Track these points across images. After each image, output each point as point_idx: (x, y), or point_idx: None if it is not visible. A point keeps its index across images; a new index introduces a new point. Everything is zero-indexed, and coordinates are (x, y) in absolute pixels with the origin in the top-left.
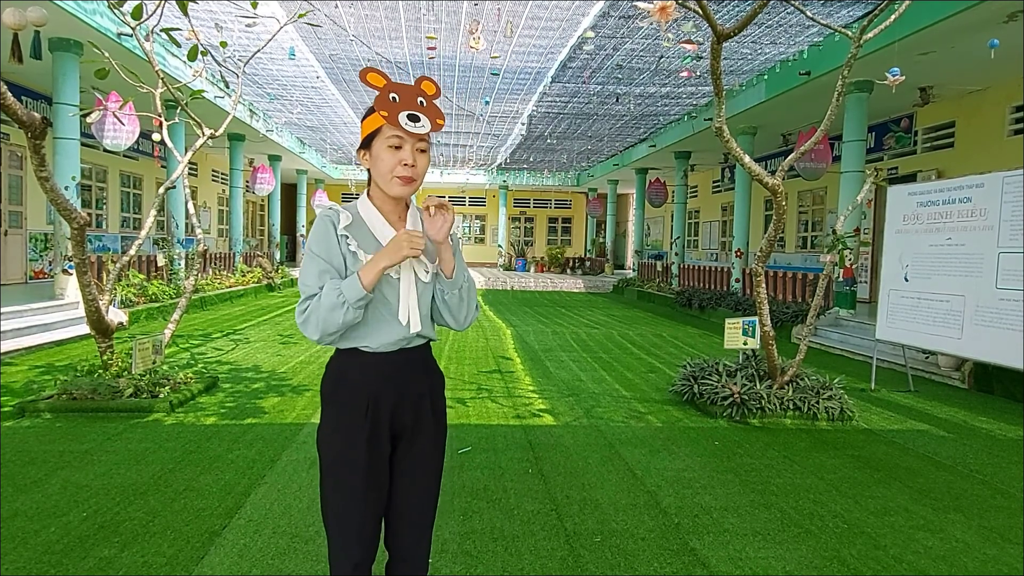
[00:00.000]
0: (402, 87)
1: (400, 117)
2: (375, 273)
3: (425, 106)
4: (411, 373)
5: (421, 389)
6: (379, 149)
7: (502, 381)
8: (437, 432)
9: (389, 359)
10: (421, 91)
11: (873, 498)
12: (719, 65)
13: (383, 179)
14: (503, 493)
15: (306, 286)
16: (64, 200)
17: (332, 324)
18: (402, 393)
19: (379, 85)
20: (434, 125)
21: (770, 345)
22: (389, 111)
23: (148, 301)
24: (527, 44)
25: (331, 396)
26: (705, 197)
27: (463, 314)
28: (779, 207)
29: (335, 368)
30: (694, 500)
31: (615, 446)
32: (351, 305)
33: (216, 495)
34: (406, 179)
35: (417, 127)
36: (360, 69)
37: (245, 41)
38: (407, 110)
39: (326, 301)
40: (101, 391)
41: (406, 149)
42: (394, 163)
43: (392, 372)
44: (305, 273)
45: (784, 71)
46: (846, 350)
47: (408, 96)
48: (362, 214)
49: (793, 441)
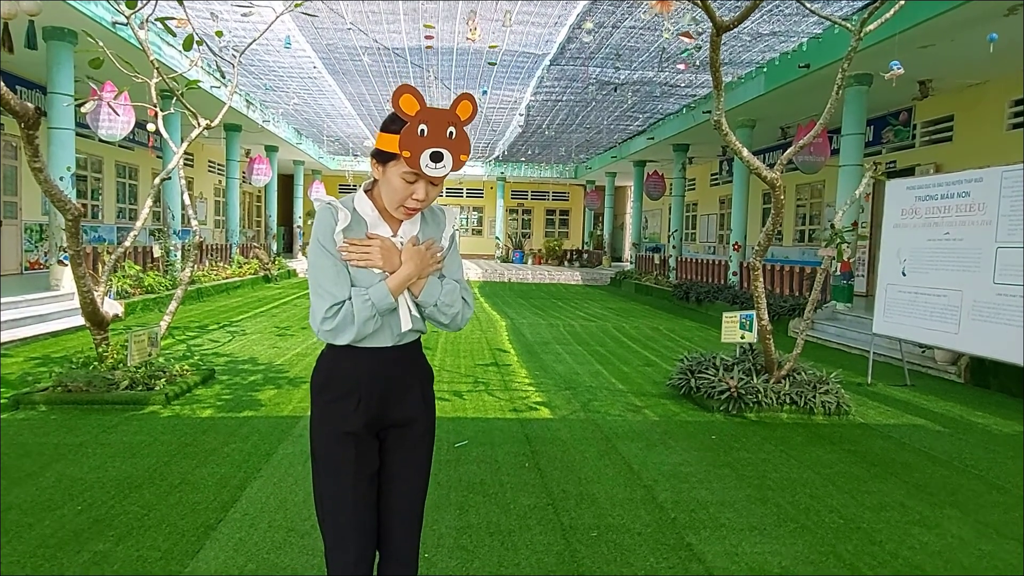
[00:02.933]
0: (434, 115)
1: (423, 159)
2: (403, 284)
3: (454, 138)
4: (402, 368)
5: (411, 383)
6: (392, 174)
7: (498, 374)
8: (426, 426)
9: (381, 354)
10: (455, 117)
11: (869, 493)
12: (718, 58)
13: (388, 202)
14: (499, 487)
15: (326, 291)
16: (58, 191)
17: (364, 332)
18: (392, 387)
19: (411, 113)
20: (456, 163)
21: (767, 339)
22: (412, 151)
23: (144, 292)
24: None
25: (322, 390)
26: (703, 190)
27: (446, 321)
28: (778, 201)
29: (326, 362)
30: (691, 495)
31: (612, 440)
32: (380, 314)
33: (212, 488)
34: (412, 211)
35: (438, 168)
36: (396, 88)
37: (241, 32)
38: (433, 147)
39: (362, 314)
40: (96, 383)
41: (420, 185)
42: (404, 195)
43: (383, 367)
44: (322, 275)
45: (783, 64)
46: (843, 344)
47: (438, 126)
48: (359, 211)
49: (790, 435)
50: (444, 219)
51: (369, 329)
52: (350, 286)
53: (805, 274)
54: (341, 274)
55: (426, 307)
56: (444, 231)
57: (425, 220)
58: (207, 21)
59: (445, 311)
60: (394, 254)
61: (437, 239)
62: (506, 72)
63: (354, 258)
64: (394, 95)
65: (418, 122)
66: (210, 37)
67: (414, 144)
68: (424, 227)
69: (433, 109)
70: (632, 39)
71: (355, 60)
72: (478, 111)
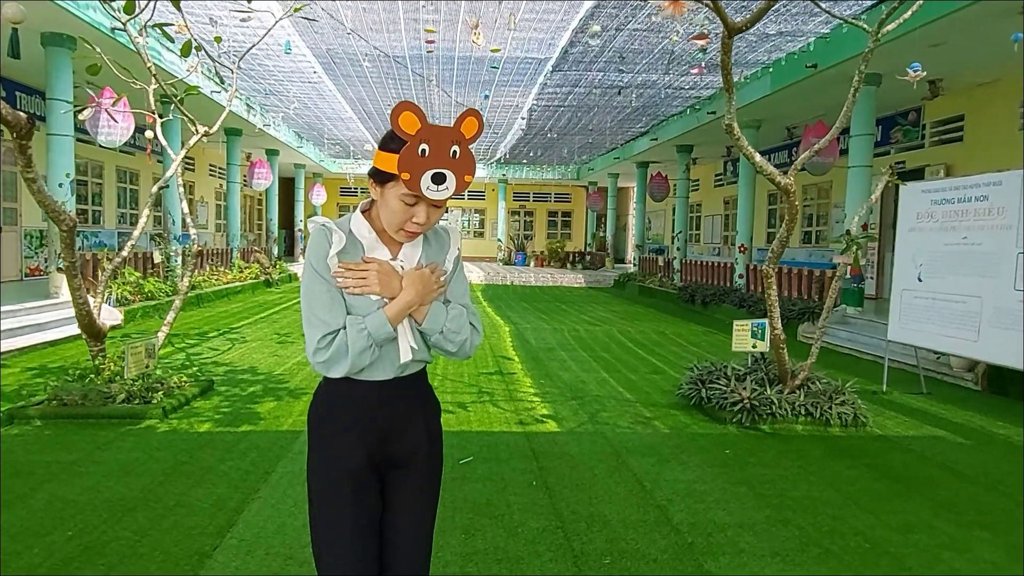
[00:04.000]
0: (437, 133)
1: (423, 181)
2: (403, 312)
3: (458, 157)
4: (405, 401)
5: (415, 417)
6: (391, 195)
7: (503, 383)
8: (432, 462)
9: (383, 387)
10: (458, 135)
11: (894, 513)
12: (729, 60)
13: (387, 224)
14: (506, 508)
15: (319, 320)
16: (52, 202)
17: (360, 364)
18: (395, 422)
19: (411, 132)
20: (459, 184)
21: (781, 349)
22: (412, 172)
23: (144, 299)
24: (527, 30)
25: (320, 426)
26: (707, 190)
27: (453, 349)
28: (791, 206)
29: (323, 395)
30: (707, 516)
31: (622, 455)
32: (377, 344)
33: (207, 511)
34: (413, 235)
35: (440, 191)
36: (395, 105)
37: (241, 37)
38: (434, 168)
39: (356, 345)
40: (92, 397)
41: (421, 207)
42: (404, 218)
43: (385, 401)
44: (314, 302)
45: (790, 64)
46: (854, 349)
47: (441, 145)
48: (356, 233)
49: (807, 449)
50: (448, 240)
51: (365, 361)
52: (345, 314)
53: (813, 277)
54: (335, 301)
55: (431, 335)
56: (448, 252)
57: (428, 241)
58: (206, 26)
59: (452, 339)
60: (393, 279)
61: (440, 261)
62: (509, 76)
63: (349, 284)
64: (393, 113)
65: (419, 141)
66: (209, 42)
67: (414, 165)
68: (427, 249)
69: (435, 127)
70: (636, 42)
71: (355, 65)
72: (439, 86)
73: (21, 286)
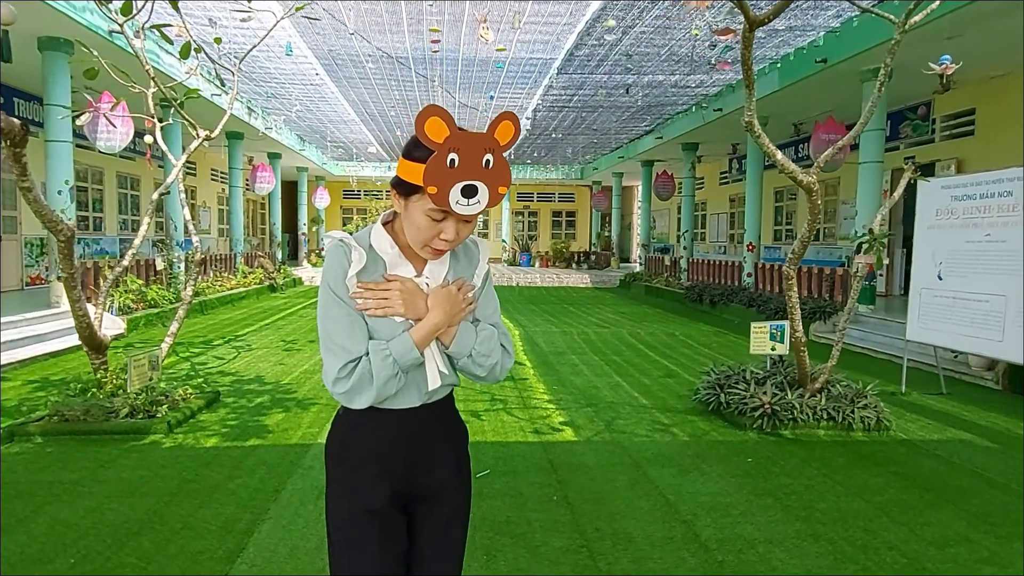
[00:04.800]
0: (467, 141)
1: (452, 194)
2: (431, 335)
3: (491, 167)
4: (432, 430)
5: (443, 447)
6: (416, 209)
7: (515, 390)
8: (461, 495)
9: (407, 416)
10: (492, 142)
11: (928, 525)
12: (750, 55)
13: (412, 240)
14: (527, 526)
15: (338, 347)
16: (49, 211)
17: (385, 393)
18: (421, 453)
19: (438, 141)
20: (493, 197)
21: (802, 352)
22: (440, 186)
23: (147, 307)
24: (533, 32)
25: (339, 457)
26: (712, 188)
27: (483, 373)
28: (814, 205)
29: (344, 426)
30: (735, 531)
31: (642, 465)
32: (403, 371)
33: (216, 534)
34: (440, 252)
35: (471, 205)
36: (421, 109)
37: (241, 38)
38: (465, 180)
39: (381, 373)
40: (94, 412)
41: (449, 223)
42: (431, 235)
43: (410, 430)
44: (333, 327)
45: (798, 59)
46: (868, 348)
47: (472, 153)
48: (376, 248)
49: (831, 456)
50: (477, 253)
51: (391, 389)
52: (367, 339)
53: (824, 275)
54: (356, 325)
55: (459, 359)
56: (478, 267)
57: (456, 257)
58: (205, 28)
59: (481, 362)
60: (419, 299)
61: (468, 277)
62: (514, 77)
63: (370, 306)
64: (418, 119)
65: (447, 151)
66: (209, 44)
67: (442, 178)
68: (454, 265)
69: (466, 134)
70: (642, 44)
71: (358, 67)
72: (443, 87)
73: (22, 296)
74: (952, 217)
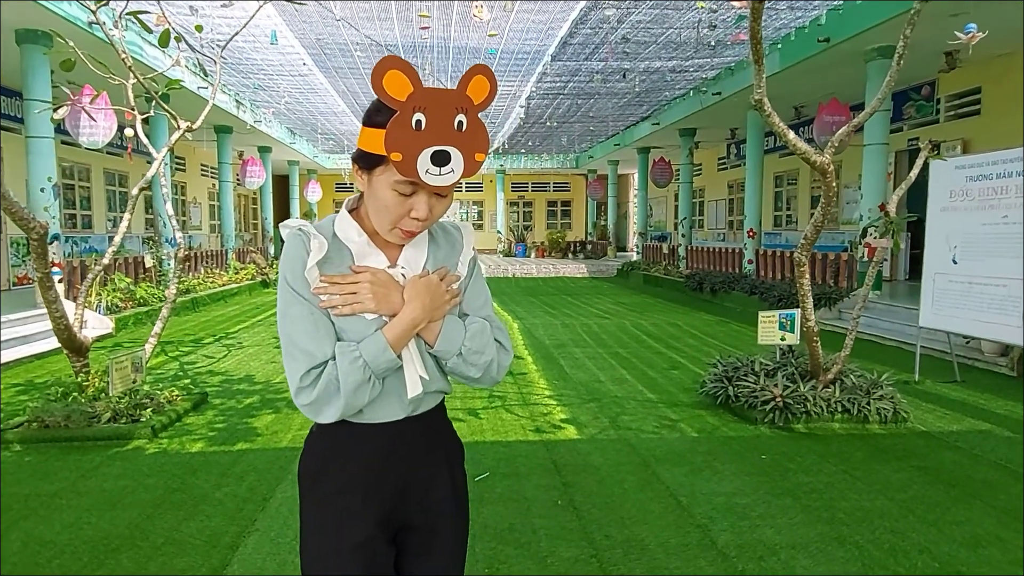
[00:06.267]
0: (435, 97)
1: (421, 162)
2: (408, 332)
3: (464, 129)
4: (422, 446)
5: (436, 467)
6: (380, 184)
7: (515, 385)
8: (459, 521)
9: (391, 430)
10: (465, 99)
11: (957, 524)
12: (760, 27)
13: (378, 222)
14: (532, 534)
15: (300, 351)
16: (19, 208)
17: (356, 403)
18: (410, 474)
19: (400, 98)
20: (469, 165)
21: (815, 342)
22: (405, 152)
23: (136, 305)
24: (525, 21)
25: (314, 484)
26: (710, 175)
27: (476, 374)
28: (829, 187)
29: (318, 446)
30: (754, 535)
31: (651, 464)
32: (377, 376)
33: (200, 549)
34: (411, 233)
35: (443, 175)
36: (377, 61)
37: (224, 26)
38: (435, 145)
39: (350, 379)
40: (75, 418)
41: (420, 198)
42: (399, 212)
43: (396, 447)
44: (294, 328)
45: (799, 39)
46: (876, 335)
47: (441, 114)
48: (341, 237)
49: (848, 450)
50: (461, 238)
51: (363, 399)
52: (334, 341)
53: (828, 260)
54: (320, 325)
55: (447, 358)
56: (462, 253)
57: (435, 241)
58: (187, 17)
59: (474, 361)
60: (392, 291)
61: (452, 266)
62: (507, 65)
63: (336, 302)
64: (375, 73)
65: (412, 110)
66: (191, 33)
67: (407, 141)
68: (434, 250)
69: (433, 90)
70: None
71: (346, 56)
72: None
73: (8, 296)
74: (967, 199)
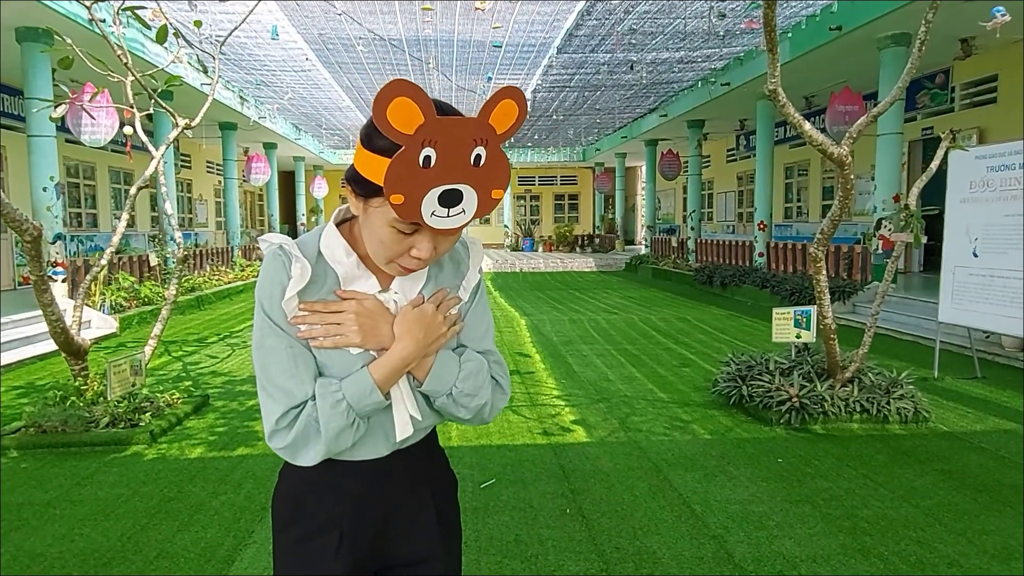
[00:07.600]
0: (449, 129)
1: (426, 204)
2: (398, 371)
3: (483, 164)
4: (408, 483)
5: (422, 506)
6: (377, 218)
7: (522, 385)
8: (446, 558)
9: (375, 467)
10: (486, 129)
11: (986, 533)
12: (774, 15)
13: (374, 254)
14: (539, 546)
15: (277, 388)
16: (11, 209)
17: (338, 448)
18: (392, 514)
19: (408, 131)
20: (484, 204)
21: (832, 340)
22: (408, 194)
23: (140, 304)
24: (531, 13)
25: (288, 522)
26: (719, 167)
27: (467, 416)
28: (846, 180)
29: (292, 481)
30: (772, 547)
31: (662, 469)
32: (361, 418)
33: (194, 562)
34: (410, 270)
35: (451, 216)
36: (383, 87)
37: (224, 21)
38: (444, 184)
39: (332, 423)
40: (73, 422)
41: (422, 237)
42: (398, 251)
43: (379, 484)
44: (269, 361)
45: (810, 28)
46: (891, 329)
47: (457, 147)
48: (328, 257)
49: (868, 453)
50: (467, 258)
51: (347, 442)
52: (315, 377)
53: (841, 253)
54: (300, 359)
55: (436, 397)
56: (466, 277)
57: (437, 263)
58: (187, 13)
59: (465, 403)
60: (381, 323)
61: (454, 289)
62: (512, 58)
63: (317, 333)
64: (379, 100)
65: (420, 144)
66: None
67: (412, 183)
68: (435, 273)
69: (448, 121)
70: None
71: (349, 51)
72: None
73: (14, 296)
74: (988, 190)
